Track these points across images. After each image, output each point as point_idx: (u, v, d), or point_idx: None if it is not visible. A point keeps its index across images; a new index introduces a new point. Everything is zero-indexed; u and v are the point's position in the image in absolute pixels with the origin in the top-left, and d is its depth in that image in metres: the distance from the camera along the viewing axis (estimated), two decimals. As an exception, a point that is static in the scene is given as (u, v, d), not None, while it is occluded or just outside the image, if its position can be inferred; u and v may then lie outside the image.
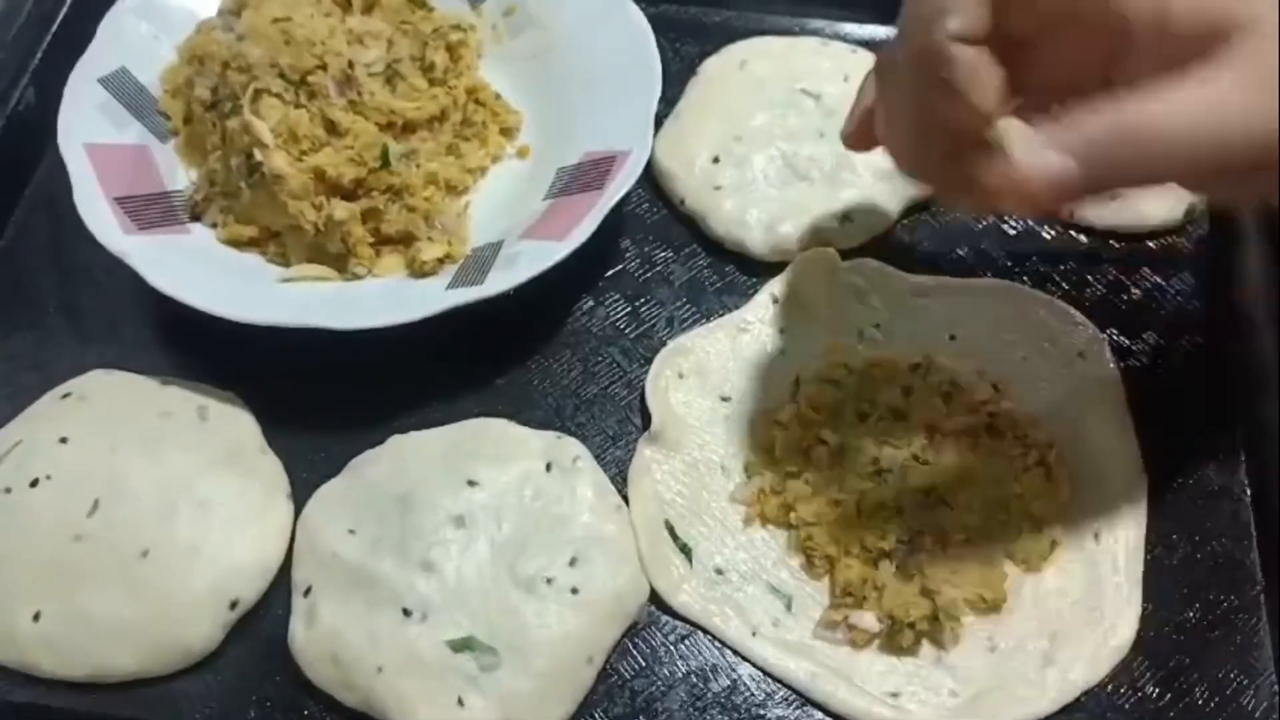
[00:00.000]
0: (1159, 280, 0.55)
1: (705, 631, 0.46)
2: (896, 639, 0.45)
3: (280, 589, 0.47)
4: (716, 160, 0.57)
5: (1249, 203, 0.38)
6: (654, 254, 0.57)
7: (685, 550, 0.47)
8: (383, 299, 0.51)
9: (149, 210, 0.53)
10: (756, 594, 0.47)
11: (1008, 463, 0.48)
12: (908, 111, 0.39)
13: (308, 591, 0.46)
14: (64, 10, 0.61)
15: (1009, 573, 0.47)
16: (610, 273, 0.56)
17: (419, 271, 0.53)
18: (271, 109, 0.51)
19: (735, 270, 0.56)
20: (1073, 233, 0.56)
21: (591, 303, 0.55)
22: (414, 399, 0.52)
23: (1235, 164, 0.33)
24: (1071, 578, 0.47)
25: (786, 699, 0.45)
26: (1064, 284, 0.55)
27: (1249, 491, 0.49)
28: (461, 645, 0.44)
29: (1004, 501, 0.47)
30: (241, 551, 0.47)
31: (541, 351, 0.54)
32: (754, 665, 0.46)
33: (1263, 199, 0.38)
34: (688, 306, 0.55)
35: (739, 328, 0.53)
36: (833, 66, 0.60)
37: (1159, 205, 0.56)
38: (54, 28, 0.61)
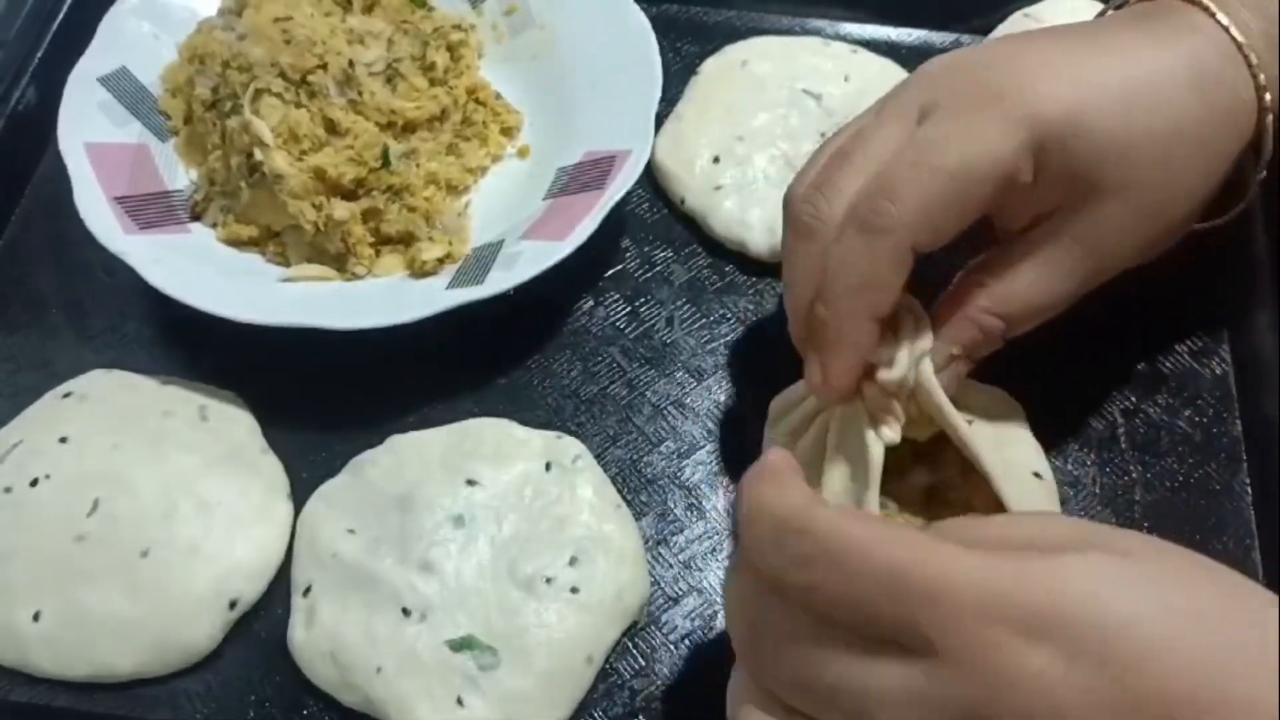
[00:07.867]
0: (1158, 282, 0.54)
1: (706, 631, 0.46)
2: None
3: (280, 588, 0.47)
4: (717, 160, 0.57)
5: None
6: (654, 254, 0.57)
7: None
8: (383, 299, 0.51)
9: (149, 209, 0.53)
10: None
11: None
12: None
13: (307, 591, 0.46)
14: (64, 9, 0.61)
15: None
16: (610, 272, 0.56)
17: (419, 271, 0.53)
18: (272, 108, 0.51)
19: (735, 270, 0.56)
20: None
21: (591, 302, 0.55)
22: (414, 399, 0.52)
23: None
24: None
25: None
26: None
27: (1251, 491, 0.49)
28: (461, 645, 0.44)
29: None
30: (242, 551, 0.47)
31: (541, 351, 0.54)
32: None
33: None
34: (688, 306, 0.55)
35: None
36: (834, 67, 0.60)
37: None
38: (54, 26, 0.60)
